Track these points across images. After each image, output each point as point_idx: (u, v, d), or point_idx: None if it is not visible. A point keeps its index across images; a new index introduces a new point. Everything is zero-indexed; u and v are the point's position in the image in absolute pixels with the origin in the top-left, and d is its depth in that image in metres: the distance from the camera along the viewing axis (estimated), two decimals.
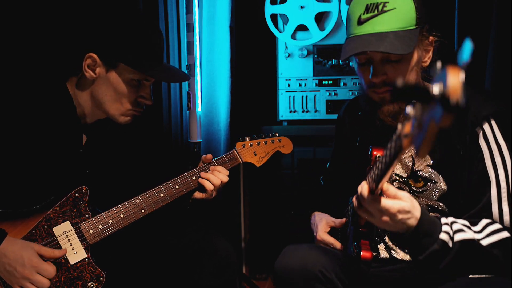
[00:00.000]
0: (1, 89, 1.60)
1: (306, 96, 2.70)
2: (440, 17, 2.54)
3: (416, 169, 1.55)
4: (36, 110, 1.56)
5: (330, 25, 2.64)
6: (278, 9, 2.69)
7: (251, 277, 2.97)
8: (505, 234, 1.35)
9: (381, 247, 1.64)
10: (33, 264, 1.45)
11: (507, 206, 1.38)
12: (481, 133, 1.43)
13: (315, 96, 2.69)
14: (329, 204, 1.85)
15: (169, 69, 1.76)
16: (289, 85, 2.71)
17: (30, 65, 2.24)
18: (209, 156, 1.76)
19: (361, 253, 1.52)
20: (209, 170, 1.73)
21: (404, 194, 1.25)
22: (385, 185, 1.22)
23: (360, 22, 1.45)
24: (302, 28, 2.68)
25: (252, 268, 3.05)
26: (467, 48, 0.83)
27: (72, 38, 1.86)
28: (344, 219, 1.71)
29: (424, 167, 1.54)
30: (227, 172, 1.74)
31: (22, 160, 1.54)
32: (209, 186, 1.69)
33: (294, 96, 2.71)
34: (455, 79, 0.80)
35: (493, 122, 1.44)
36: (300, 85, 2.70)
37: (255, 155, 1.81)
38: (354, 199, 1.32)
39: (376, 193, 1.22)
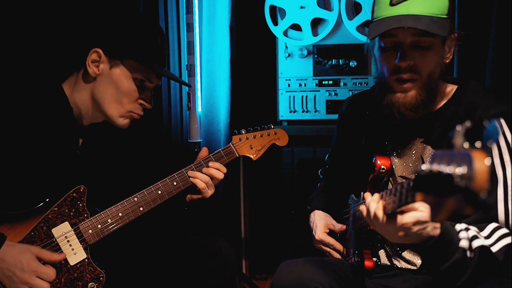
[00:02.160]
0: None
1: (306, 96, 2.70)
2: None
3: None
4: (31, 112, 1.55)
5: (323, 32, 2.63)
6: (278, 2, 2.67)
7: (251, 277, 2.97)
8: (510, 239, 1.31)
9: (382, 253, 1.60)
10: (33, 269, 1.43)
11: None
12: None
13: (315, 96, 2.69)
14: (328, 201, 1.82)
15: (172, 73, 1.76)
16: (289, 85, 2.71)
17: (27, 66, 2.23)
18: (205, 150, 1.73)
19: (365, 263, 1.50)
20: (207, 166, 1.70)
21: (420, 203, 1.18)
22: None
23: (393, 3, 1.41)
24: (295, 27, 2.67)
25: (252, 268, 3.05)
26: (493, 128, 0.79)
27: (78, 32, 1.85)
28: (344, 226, 1.68)
29: None
30: (220, 166, 1.71)
31: (18, 161, 1.53)
32: (200, 185, 1.67)
33: (294, 96, 2.70)
34: (482, 170, 0.74)
35: (502, 121, 1.40)
36: (300, 85, 2.70)
37: (251, 148, 1.78)
38: (363, 209, 1.27)
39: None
